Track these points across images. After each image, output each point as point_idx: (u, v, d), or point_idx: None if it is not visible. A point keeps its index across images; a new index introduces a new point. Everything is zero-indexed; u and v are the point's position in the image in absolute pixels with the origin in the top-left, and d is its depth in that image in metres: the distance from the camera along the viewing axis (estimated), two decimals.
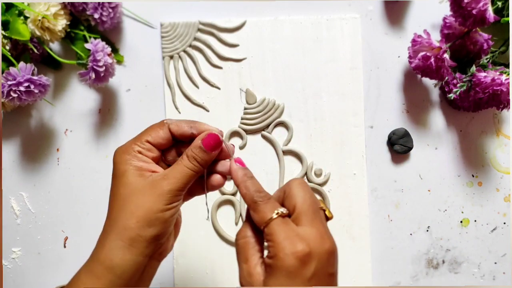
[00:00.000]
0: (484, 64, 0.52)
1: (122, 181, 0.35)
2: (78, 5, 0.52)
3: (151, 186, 0.35)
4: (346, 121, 0.57)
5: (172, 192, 0.35)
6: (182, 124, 0.37)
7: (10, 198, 0.57)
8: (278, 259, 0.31)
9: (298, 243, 0.31)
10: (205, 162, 0.37)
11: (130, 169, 0.35)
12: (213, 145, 0.36)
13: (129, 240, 0.34)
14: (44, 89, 0.50)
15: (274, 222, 0.33)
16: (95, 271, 0.34)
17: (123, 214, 0.34)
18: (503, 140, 0.58)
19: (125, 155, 0.36)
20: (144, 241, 0.34)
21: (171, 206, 0.35)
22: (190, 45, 0.57)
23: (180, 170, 0.36)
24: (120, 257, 0.34)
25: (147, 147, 0.37)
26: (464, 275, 0.57)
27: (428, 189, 0.58)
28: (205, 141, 0.36)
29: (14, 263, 0.57)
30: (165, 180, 0.35)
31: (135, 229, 0.34)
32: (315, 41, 0.57)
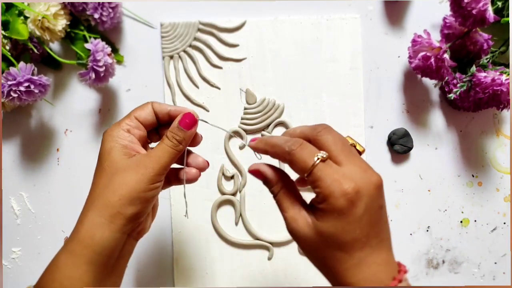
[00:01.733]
0: (484, 64, 0.52)
1: (108, 158, 0.37)
2: (78, 5, 0.52)
3: (135, 165, 0.36)
4: (346, 121, 0.57)
5: (156, 171, 0.36)
6: (164, 105, 0.40)
7: (10, 198, 0.57)
8: (329, 203, 0.31)
9: (346, 184, 0.31)
10: (183, 140, 0.38)
11: (117, 146, 0.37)
12: (189, 123, 0.38)
13: (110, 217, 0.35)
14: (44, 89, 0.50)
15: (317, 168, 0.32)
16: (74, 250, 0.35)
17: (106, 191, 0.35)
18: (503, 140, 0.58)
19: (113, 133, 0.38)
20: (124, 218, 0.35)
21: (154, 186, 0.36)
22: (190, 45, 0.57)
23: (162, 149, 0.37)
24: (100, 234, 0.35)
25: (134, 124, 0.39)
26: (464, 275, 0.57)
27: (428, 189, 0.58)
28: (182, 121, 0.38)
29: (14, 263, 0.57)
30: (149, 159, 0.36)
31: (117, 207, 0.35)
32: (315, 41, 0.57)
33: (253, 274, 0.57)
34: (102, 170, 0.37)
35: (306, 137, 0.35)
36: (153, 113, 0.40)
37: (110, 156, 0.37)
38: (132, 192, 0.35)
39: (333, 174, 0.32)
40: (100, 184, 0.36)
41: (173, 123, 0.39)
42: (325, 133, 0.34)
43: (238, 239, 0.57)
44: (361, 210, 0.31)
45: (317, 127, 0.35)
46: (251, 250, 0.57)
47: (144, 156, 0.37)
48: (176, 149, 0.38)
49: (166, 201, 0.57)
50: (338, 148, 0.33)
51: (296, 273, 0.57)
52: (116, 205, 0.35)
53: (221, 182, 0.57)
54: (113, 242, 0.35)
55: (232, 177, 0.57)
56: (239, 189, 0.57)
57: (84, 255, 0.34)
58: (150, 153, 0.37)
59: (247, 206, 0.57)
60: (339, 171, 0.32)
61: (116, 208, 0.35)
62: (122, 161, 0.36)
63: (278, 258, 0.57)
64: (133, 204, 0.35)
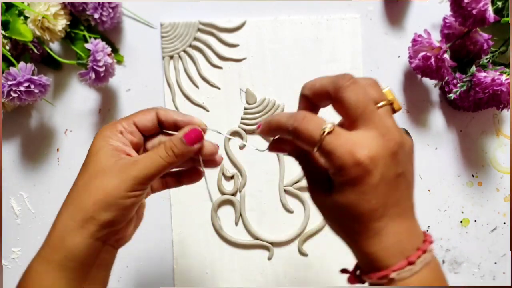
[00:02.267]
0: (484, 64, 0.51)
1: (94, 158, 0.34)
2: (78, 5, 0.52)
3: (118, 169, 0.33)
4: None
5: (138, 180, 0.33)
6: (170, 111, 0.37)
7: (10, 198, 0.57)
8: (342, 175, 0.29)
9: (359, 152, 0.28)
10: (181, 155, 0.35)
11: (105, 146, 0.34)
12: (194, 139, 0.35)
13: (81, 221, 0.32)
14: (44, 89, 0.50)
15: (325, 141, 0.29)
16: (45, 255, 0.33)
17: (83, 193, 0.33)
18: (503, 140, 0.58)
19: (106, 132, 0.35)
20: (97, 224, 0.32)
21: (133, 194, 0.33)
22: (190, 45, 0.57)
23: (153, 158, 0.34)
24: (70, 239, 0.32)
25: (130, 129, 0.36)
26: (464, 275, 0.57)
27: (428, 189, 0.58)
28: (187, 134, 0.35)
29: (14, 263, 0.57)
30: (134, 166, 0.33)
31: (90, 211, 0.32)
32: (315, 41, 0.57)
33: (253, 274, 0.57)
34: (85, 170, 0.34)
35: (326, 93, 0.32)
36: (155, 120, 0.37)
37: (96, 156, 0.34)
38: (108, 197, 0.33)
39: (344, 145, 0.29)
40: (79, 184, 0.34)
41: (177, 134, 0.36)
42: (347, 90, 0.30)
43: (238, 239, 0.57)
44: (375, 179, 0.29)
45: (340, 79, 0.30)
46: (251, 250, 0.57)
47: (130, 161, 0.34)
48: (168, 162, 0.34)
49: (166, 201, 0.57)
50: (358, 110, 0.30)
51: (296, 273, 0.57)
52: (89, 209, 0.32)
53: (221, 182, 0.57)
54: (85, 248, 0.33)
55: (232, 177, 0.57)
56: (239, 189, 0.57)
57: (55, 260, 0.32)
58: (138, 159, 0.34)
59: (247, 206, 0.57)
60: (351, 139, 0.29)
61: (89, 212, 0.32)
62: (107, 163, 0.34)
63: (278, 258, 0.57)
64: (108, 210, 0.33)
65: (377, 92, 0.31)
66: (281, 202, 0.57)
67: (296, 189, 0.57)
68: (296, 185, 0.57)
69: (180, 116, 0.37)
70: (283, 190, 0.57)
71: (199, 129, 0.36)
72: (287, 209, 0.57)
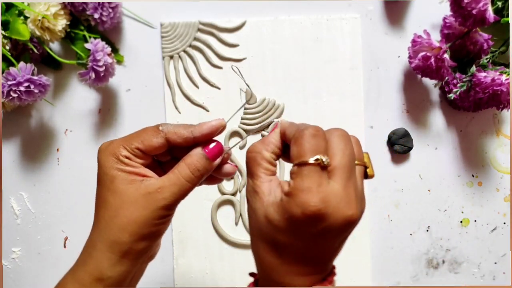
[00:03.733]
0: (484, 64, 0.51)
1: (111, 188, 0.33)
2: (78, 5, 0.52)
3: (145, 198, 0.32)
4: (346, 121, 0.57)
5: (168, 207, 0.33)
6: (181, 131, 0.34)
7: (10, 198, 0.57)
8: (289, 204, 0.29)
9: (314, 199, 0.28)
10: (207, 172, 0.34)
11: (119, 175, 0.33)
12: (216, 154, 0.34)
13: (121, 253, 0.33)
14: (44, 89, 0.50)
15: (307, 167, 0.29)
16: (83, 281, 0.33)
17: (113, 226, 0.32)
18: (503, 140, 0.58)
19: (112, 158, 0.33)
20: (136, 253, 0.33)
21: (166, 220, 0.34)
22: (190, 45, 0.57)
23: (178, 183, 0.33)
24: (111, 269, 0.33)
25: (136, 154, 0.34)
26: (464, 275, 0.57)
27: (428, 189, 0.58)
28: (211, 151, 0.34)
29: (14, 263, 0.57)
30: (160, 195, 0.33)
31: (128, 243, 0.32)
32: (315, 41, 0.57)
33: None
34: (106, 202, 0.33)
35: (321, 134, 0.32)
36: (164, 143, 0.34)
37: (113, 186, 0.33)
38: (143, 228, 0.32)
39: (313, 183, 0.28)
40: (105, 216, 0.33)
41: (196, 149, 0.34)
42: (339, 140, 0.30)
43: (238, 239, 0.57)
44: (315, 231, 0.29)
45: (335, 131, 0.31)
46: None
47: (154, 189, 0.33)
48: (193, 183, 0.33)
49: None
50: (341, 163, 0.30)
51: None
52: (127, 242, 0.32)
53: (221, 182, 0.57)
54: (124, 274, 0.33)
55: (232, 177, 0.57)
56: (239, 189, 0.57)
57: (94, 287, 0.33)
58: (162, 186, 0.33)
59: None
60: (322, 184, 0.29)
61: (127, 244, 0.32)
62: (128, 192, 0.32)
63: None
64: (145, 239, 0.33)
65: (358, 151, 0.32)
66: None
67: None
68: None
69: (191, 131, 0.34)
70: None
71: (220, 143, 0.35)
72: None
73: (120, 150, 0.33)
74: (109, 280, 0.33)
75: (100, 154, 0.34)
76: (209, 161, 0.34)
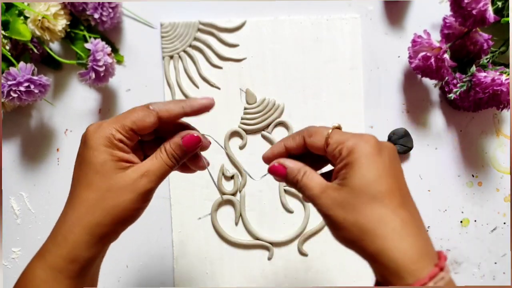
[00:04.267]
0: (484, 64, 0.51)
1: (100, 171, 0.33)
2: (78, 5, 0.52)
3: (132, 183, 0.33)
4: (346, 121, 0.57)
5: (152, 190, 0.34)
6: (172, 108, 0.35)
7: (10, 198, 0.57)
8: (356, 151, 0.31)
9: (366, 135, 0.32)
10: (181, 160, 0.36)
11: (110, 160, 0.33)
12: (193, 146, 0.36)
13: (100, 236, 0.33)
14: (44, 89, 0.50)
15: (333, 133, 0.33)
16: (56, 265, 0.33)
17: (97, 209, 0.33)
18: (503, 140, 0.58)
19: (104, 141, 0.33)
20: (113, 236, 0.34)
21: (147, 204, 0.35)
22: (190, 45, 0.57)
23: (160, 167, 0.35)
24: (87, 251, 0.33)
25: (129, 136, 0.34)
26: (464, 275, 0.57)
27: (428, 189, 0.58)
28: (186, 141, 0.35)
29: (14, 263, 0.57)
30: (145, 178, 0.34)
31: (109, 226, 0.33)
32: (315, 41, 0.57)
33: (253, 274, 0.57)
34: (91, 183, 0.33)
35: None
36: (156, 122, 0.35)
37: (103, 170, 0.33)
38: (126, 212, 0.33)
39: (351, 135, 0.32)
40: (89, 198, 0.33)
41: (176, 138, 0.35)
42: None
43: (238, 239, 0.57)
44: (387, 159, 0.31)
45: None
46: (251, 250, 0.57)
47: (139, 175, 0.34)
48: (172, 168, 0.35)
49: (166, 201, 0.57)
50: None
51: (296, 273, 0.57)
52: (108, 225, 0.33)
53: (221, 182, 0.57)
54: (98, 254, 0.34)
55: (232, 177, 0.57)
56: (239, 189, 0.57)
57: (68, 270, 0.33)
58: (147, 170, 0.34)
59: (247, 206, 0.57)
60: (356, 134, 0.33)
61: (108, 227, 0.33)
62: (116, 178, 0.33)
63: (278, 258, 0.57)
64: (126, 223, 0.34)
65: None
66: (281, 202, 0.57)
67: None
68: None
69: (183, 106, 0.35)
70: (283, 190, 0.57)
71: (198, 137, 0.36)
72: (287, 209, 0.57)
73: (114, 132, 0.34)
74: (83, 260, 0.33)
75: (90, 136, 0.34)
76: (184, 149, 0.35)
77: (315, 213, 0.57)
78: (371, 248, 0.30)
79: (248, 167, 0.57)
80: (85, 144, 0.34)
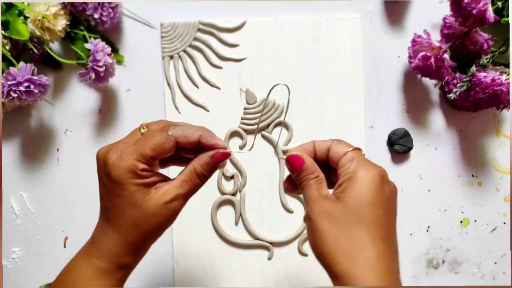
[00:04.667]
0: (484, 64, 0.51)
1: (131, 203, 0.34)
2: (78, 5, 0.52)
3: (164, 208, 0.35)
4: (346, 121, 0.57)
5: (180, 210, 0.36)
6: (190, 134, 0.35)
7: (10, 198, 0.57)
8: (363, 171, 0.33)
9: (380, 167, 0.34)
10: (210, 176, 0.37)
11: (138, 190, 0.34)
12: (222, 160, 0.37)
13: (138, 252, 0.37)
14: (44, 89, 0.50)
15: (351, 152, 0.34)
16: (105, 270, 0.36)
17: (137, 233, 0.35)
18: (503, 140, 0.58)
19: (129, 174, 0.34)
20: (147, 250, 0.37)
21: (176, 217, 0.37)
22: (190, 45, 0.57)
23: (189, 190, 0.36)
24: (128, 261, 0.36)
25: (150, 162, 0.35)
26: (464, 275, 0.57)
27: (428, 189, 0.58)
28: (217, 159, 0.36)
29: (14, 263, 0.57)
30: (176, 202, 0.35)
31: (147, 242, 0.37)
32: (315, 41, 0.57)
33: (253, 274, 0.57)
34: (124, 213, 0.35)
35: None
36: (175, 147, 0.35)
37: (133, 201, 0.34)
38: (160, 231, 0.36)
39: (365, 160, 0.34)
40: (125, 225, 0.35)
41: (205, 158, 0.36)
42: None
43: (238, 239, 0.57)
44: (387, 193, 0.33)
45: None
46: (251, 250, 0.57)
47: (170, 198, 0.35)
48: (199, 187, 0.37)
49: None
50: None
51: (296, 273, 0.57)
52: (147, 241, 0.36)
53: (221, 182, 0.57)
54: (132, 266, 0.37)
55: (232, 177, 0.57)
56: (239, 189, 0.57)
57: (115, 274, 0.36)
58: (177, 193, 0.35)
59: (247, 206, 0.57)
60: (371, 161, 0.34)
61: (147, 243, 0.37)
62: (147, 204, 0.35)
63: (278, 258, 0.57)
64: (159, 235, 0.37)
65: None
66: (281, 202, 0.57)
67: None
68: None
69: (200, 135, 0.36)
70: (283, 190, 0.57)
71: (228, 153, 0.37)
72: (287, 209, 0.57)
73: (136, 163, 0.34)
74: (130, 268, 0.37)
75: (113, 169, 0.34)
76: (215, 168, 0.37)
77: None
78: (339, 267, 0.31)
79: (248, 167, 0.57)
80: (109, 177, 0.34)
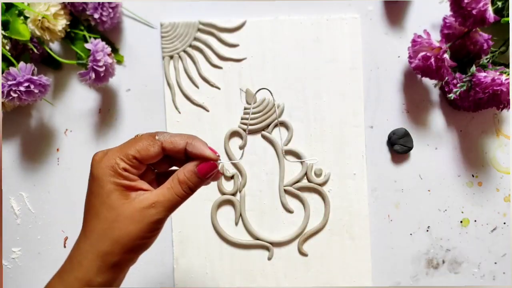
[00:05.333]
0: (484, 64, 0.52)
1: (106, 202, 0.33)
2: (78, 5, 0.52)
3: (139, 213, 0.33)
4: (346, 121, 0.57)
5: (160, 221, 0.34)
6: (177, 141, 0.35)
7: (10, 198, 0.57)
8: None
9: None
10: (196, 188, 0.35)
11: (116, 190, 0.33)
12: (209, 173, 0.35)
13: (112, 263, 0.33)
14: (44, 89, 0.50)
15: None
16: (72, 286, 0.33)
17: (106, 239, 0.33)
18: (503, 140, 0.58)
19: (109, 171, 0.33)
20: (125, 263, 0.34)
21: (156, 233, 0.35)
22: (190, 45, 0.57)
23: (170, 199, 0.34)
24: (100, 276, 0.33)
25: (133, 164, 0.34)
26: (464, 275, 0.57)
27: (428, 189, 0.58)
28: (201, 168, 0.35)
29: (14, 263, 0.57)
30: (154, 209, 0.34)
31: (119, 255, 0.33)
32: (315, 41, 0.57)
33: (253, 274, 0.57)
34: (99, 214, 0.34)
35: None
36: (160, 152, 0.35)
37: (109, 201, 0.33)
38: (135, 241, 0.34)
39: None
40: (98, 228, 0.34)
41: (189, 166, 0.35)
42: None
43: (238, 239, 0.57)
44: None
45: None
46: (251, 250, 0.57)
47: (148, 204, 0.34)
48: (184, 198, 0.35)
49: None
50: None
51: (296, 273, 0.57)
52: (118, 253, 0.33)
53: (221, 182, 0.57)
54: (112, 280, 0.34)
55: (232, 177, 0.57)
56: (239, 189, 0.57)
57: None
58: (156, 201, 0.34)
59: (247, 206, 0.57)
60: None
61: (118, 256, 0.33)
62: (123, 207, 0.33)
63: (278, 258, 0.57)
64: (135, 251, 0.34)
65: None
66: (281, 202, 0.57)
67: (296, 189, 0.57)
68: (296, 185, 0.57)
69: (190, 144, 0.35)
70: (283, 190, 0.57)
71: (214, 163, 0.35)
72: (287, 209, 0.57)
73: (118, 161, 0.34)
74: (97, 284, 0.33)
75: (95, 166, 0.34)
76: (200, 179, 0.35)
77: (315, 213, 0.57)
78: None
79: (248, 167, 0.57)
80: (91, 174, 0.34)
